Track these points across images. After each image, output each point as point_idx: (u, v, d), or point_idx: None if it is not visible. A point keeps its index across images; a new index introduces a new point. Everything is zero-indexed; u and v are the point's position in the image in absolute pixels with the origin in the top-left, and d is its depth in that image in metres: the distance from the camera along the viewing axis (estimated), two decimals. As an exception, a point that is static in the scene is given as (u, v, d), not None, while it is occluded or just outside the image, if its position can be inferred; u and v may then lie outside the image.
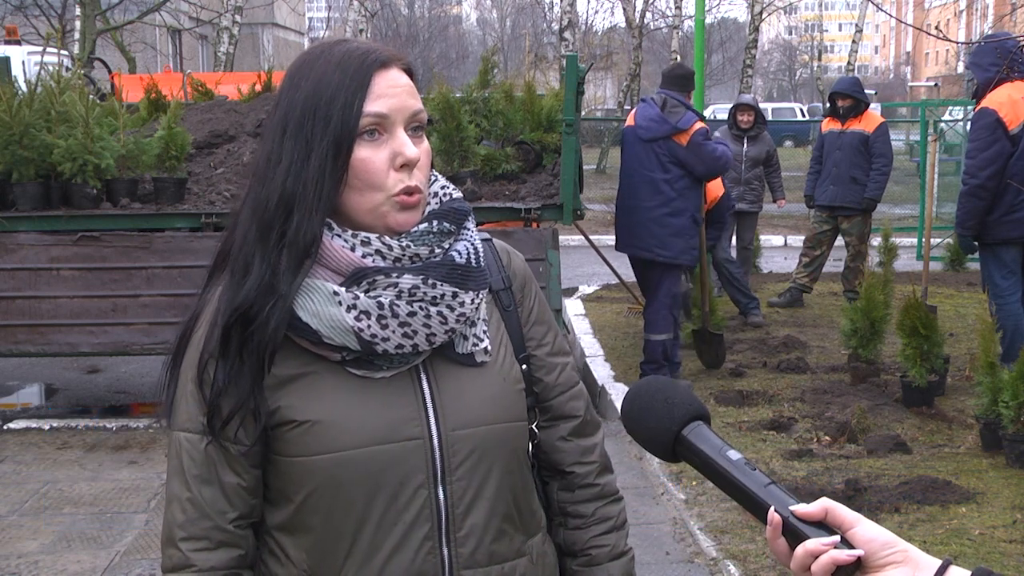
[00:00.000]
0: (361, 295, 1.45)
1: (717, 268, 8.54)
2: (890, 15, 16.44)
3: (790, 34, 55.76)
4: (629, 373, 7.28)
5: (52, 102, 6.63)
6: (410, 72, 1.51)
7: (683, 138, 6.58)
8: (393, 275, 1.46)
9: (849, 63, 27.73)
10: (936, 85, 35.35)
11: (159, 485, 5.52)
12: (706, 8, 14.02)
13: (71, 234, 6.54)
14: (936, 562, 1.08)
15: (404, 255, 1.47)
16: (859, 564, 1.10)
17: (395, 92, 1.47)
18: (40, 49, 11.48)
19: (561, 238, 7.30)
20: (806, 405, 6.43)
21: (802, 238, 10.57)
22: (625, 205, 6.76)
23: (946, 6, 47.18)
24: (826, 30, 48.01)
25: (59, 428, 6.63)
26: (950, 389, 6.54)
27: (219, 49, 20.82)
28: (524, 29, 45.92)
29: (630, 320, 9.10)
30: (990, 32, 19.69)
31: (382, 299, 1.45)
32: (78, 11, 15.87)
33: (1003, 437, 5.27)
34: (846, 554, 1.09)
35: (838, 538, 1.11)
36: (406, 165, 1.46)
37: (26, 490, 5.53)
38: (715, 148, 6.70)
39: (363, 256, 1.46)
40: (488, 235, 1.67)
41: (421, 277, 1.47)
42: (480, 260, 1.54)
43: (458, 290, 1.49)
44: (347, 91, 1.44)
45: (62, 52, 10.88)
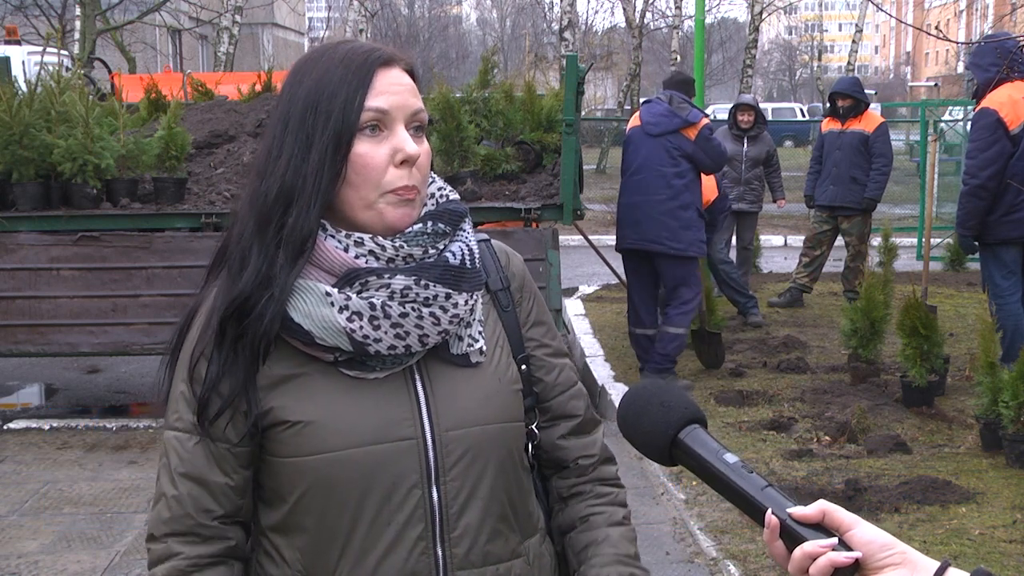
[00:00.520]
0: (353, 296, 1.45)
1: (712, 269, 8.54)
2: (890, 15, 16.43)
3: (790, 34, 55.75)
4: (629, 373, 7.27)
5: (52, 102, 6.63)
6: (412, 73, 1.52)
7: (692, 132, 6.75)
8: (385, 276, 1.46)
9: (849, 63, 27.74)
10: (936, 85, 35.36)
11: (157, 486, 5.51)
12: (706, 8, 14.03)
13: (71, 234, 6.54)
14: (934, 564, 1.08)
15: (397, 256, 1.47)
16: (857, 566, 1.10)
17: (397, 90, 1.47)
18: (40, 49, 11.48)
19: (561, 238, 7.30)
20: (806, 405, 6.43)
21: (802, 238, 10.57)
22: (631, 201, 6.77)
23: (946, 6, 47.18)
24: (826, 30, 48.02)
25: (59, 428, 6.63)
26: (950, 389, 6.54)
27: (219, 49, 20.82)
28: (524, 29, 45.94)
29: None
30: (990, 32, 19.69)
31: (374, 300, 1.45)
32: (78, 11, 15.88)
33: (1003, 437, 5.27)
34: (844, 556, 1.09)
35: (836, 540, 1.11)
36: (406, 162, 1.46)
37: (26, 490, 5.53)
38: (720, 143, 7.05)
39: (356, 257, 1.46)
40: (486, 236, 1.67)
41: (414, 278, 1.46)
42: (475, 261, 1.54)
43: (451, 291, 1.49)
44: (349, 86, 1.45)
45: (62, 52, 10.89)
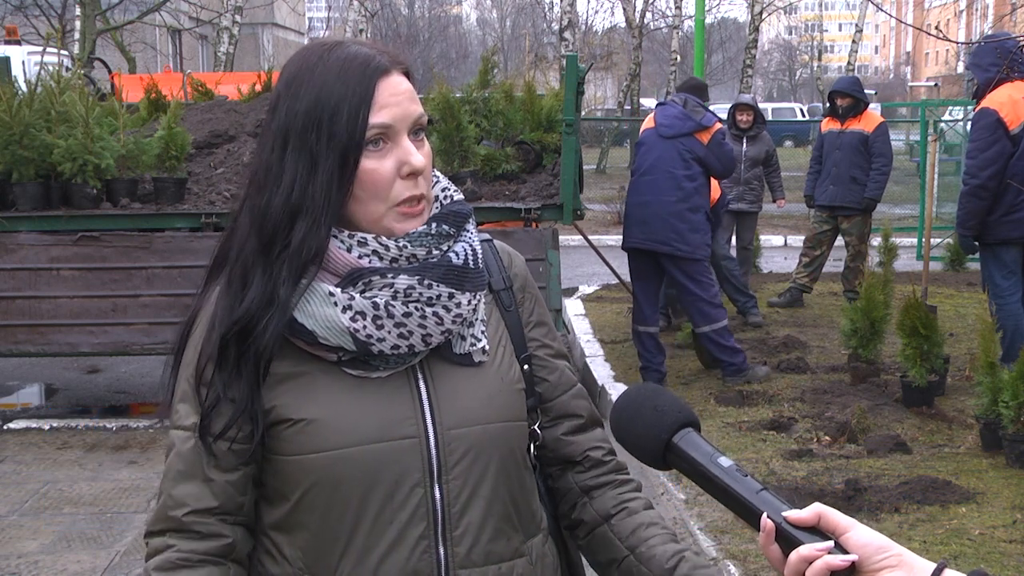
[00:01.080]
0: (357, 296, 1.45)
1: (715, 266, 8.54)
2: (890, 15, 16.46)
3: (790, 34, 55.74)
4: (629, 373, 7.28)
5: (52, 102, 6.64)
6: (409, 75, 1.51)
7: (705, 136, 6.78)
8: (389, 276, 1.46)
9: (849, 63, 27.74)
10: (936, 85, 35.34)
11: (159, 485, 5.51)
12: (706, 8, 14.04)
13: (71, 234, 6.55)
14: (931, 566, 1.08)
15: (401, 256, 1.47)
16: (853, 569, 1.09)
17: (397, 100, 1.46)
18: (40, 49, 11.48)
19: (561, 238, 7.30)
20: (806, 405, 6.43)
21: (802, 238, 10.57)
22: (640, 200, 6.77)
23: (946, 6, 47.18)
24: (826, 30, 48.02)
25: (59, 428, 6.64)
26: (950, 389, 6.53)
27: (219, 49, 20.82)
28: (524, 29, 45.92)
29: (630, 320, 9.08)
30: (990, 32, 19.69)
31: (377, 300, 1.45)
32: (78, 11, 15.87)
33: (1003, 437, 5.26)
34: (840, 559, 1.09)
35: (832, 543, 1.11)
36: (412, 174, 1.47)
37: (26, 490, 5.54)
38: (731, 149, 7.08)
39: (359, 257, 1.47)
40: (489, 236, 1.67)
41: (417, 278, 1.47)
42: (478, 261, 1.54)
43: (455, 291, 1.49)
44: (350, 103, 1.43)
45: (62, 52, 10.89)
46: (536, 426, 1.66)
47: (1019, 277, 6.29)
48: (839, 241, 9.42)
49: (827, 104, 9.82)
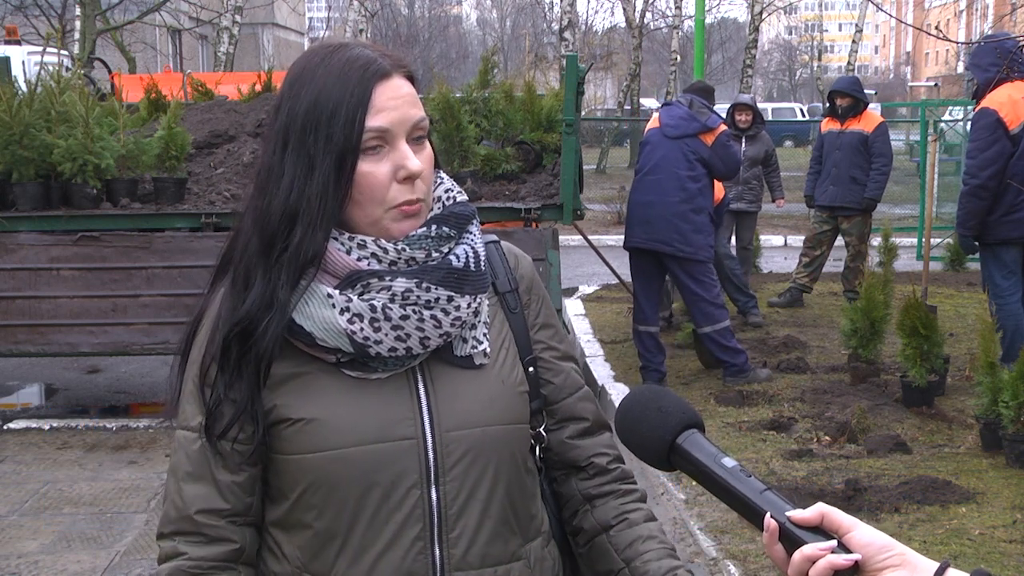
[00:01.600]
0: (354, 298, 1.45)
1: (717, 265, 8.54)
2: (890, 15, 16.46)
3: (790, 34, 55.75)
4: (629, 373, 7.28)
5: (52, 102, 6.64)
6: (411, 78, 1.51)
7: (709, 137, 6.78)
8: (387, 278, 1.46)
9: (849, 63, 27.77)
10: (936, 85, 35.33)
11: (159, 485, 5.52)
12: (706, 8, 14.03)
13: (71, 234, 6.55)
14: (934, 565, 1.08)
15: (400, 258, 1.47)
16: (857, 568, 1.10)
17: (396, 104, 1.46)
18: (40, 49, 11.48)
19: (561, 238, 7.30)
20: (806, 405, 6.43)
21: (802, 238, 10.57)
22: (644, 200, 6.77)
23: (946, 6, 47.19)
24: (826, 30, 48.03)
25: (59, 428, 6.64)
26: (950, 389, 6.53)
27: (219, 49, 20.83)
28: (524, 29, 45.95)
29: (630, 320, 9.09)
30: (990, 32, 19.69)
31: (375, 302, 1.45)
32: (78, 11, 15.88)
33: (1003, 437, 5.26)
34: (843, 558, 1.09)
35: (835, 543, 1.11)
36: (409, 178, 1.47)
37: (26, 490, 5.54)
38: (736, 152, 7.06)
39: (358, 259, 1.47)
40: (496, 237, 1.67)
41: (415, 281, 1.47)
42: (480, 264, 1.53)
43: (454, 294, 1.49)
44: (348, 106, 1.43)
45: (62, 52, 10.89)
46: (541, 429, 1.66)
47: (1019, 277, 6.29)
48: (839, 241, 9.42)
49: (827, 104, 9.82)
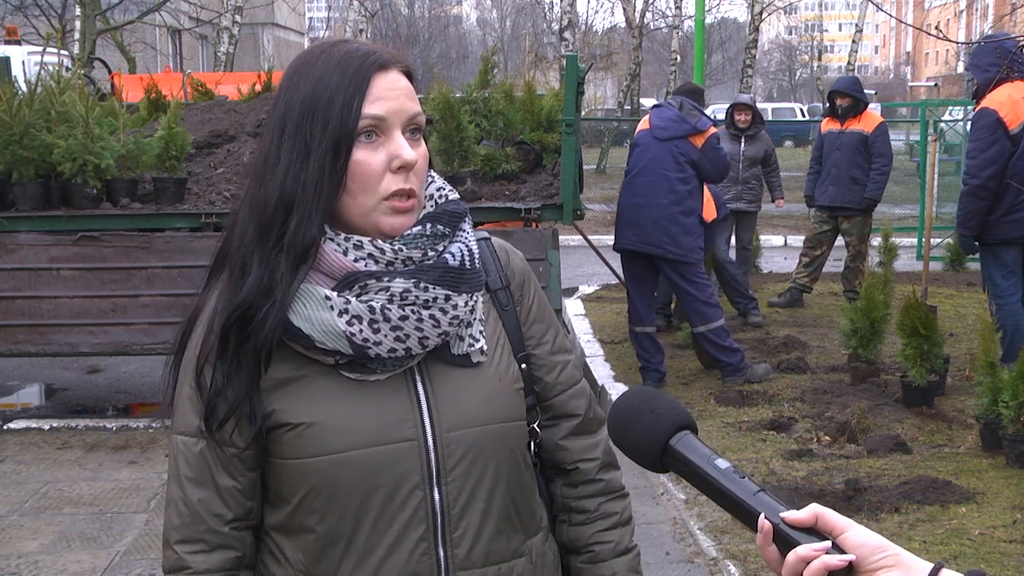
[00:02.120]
0: (353, 299, 1.45)
1: (717, 270, 8.54)
2: (890, 15, 16.46)
3: (790, 34, 55.75)
4: (629, 373, 7.28)
5: (52, 102, 6.63)
6: (410, 75, 1.51)
7: (699, 139, 6.78)
8: (385, 279, 1.46)
9: (849, 63, 27.77)
10: (936, 85, 35.33)
11: (159, 485, 5.52)
12: (706, 8, 14.04)
13: (71, 234, 6.55)
14: (928, 566, 1.08)
15: (397, 259, 1.47)
16: (851, 569, 1.10)
17: (393, 95, 1.46)
18: (40, 49, 11.49)
19: (561, 238, 7.30)
20: (806, 405, 6.43)
21: (802, 238, 10.57)
22: (634, 202, 6.77)
23: (946, 6, 47.18)
24: (826, 30, 48.05)
25: (59, 428, 6.63)
26: (950, 389, 6.53)
27: (219, 49, 20.83)
28: (524, 29, 45.94)
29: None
30: (990, 32, 19.69)
31: (373, 303, 1.45)
32: (78, 11, 15.88)
33: (1003, 437, 5.26)
34: (838, 559, 1.09)
35: (829, 543, 1.11)
36: (403, 168, 1.46)
37: (26, 490, 5.54)
38: (726, 154, 7.08)
39: (355, 260, 1.46)
40: (486, 234, 1.67)
41: (413, 281, 1.46)
42: (475, 262, 1.53)
43: (451, 293, 1.49)
44: (345, 92, 1.44)
45: (62, 52, 10.89)
46: (535, 425, 1.66)
47: (1019, 277, 6.29)
48: (839, 241, 9.42)
49: (827, 104, 9.81)
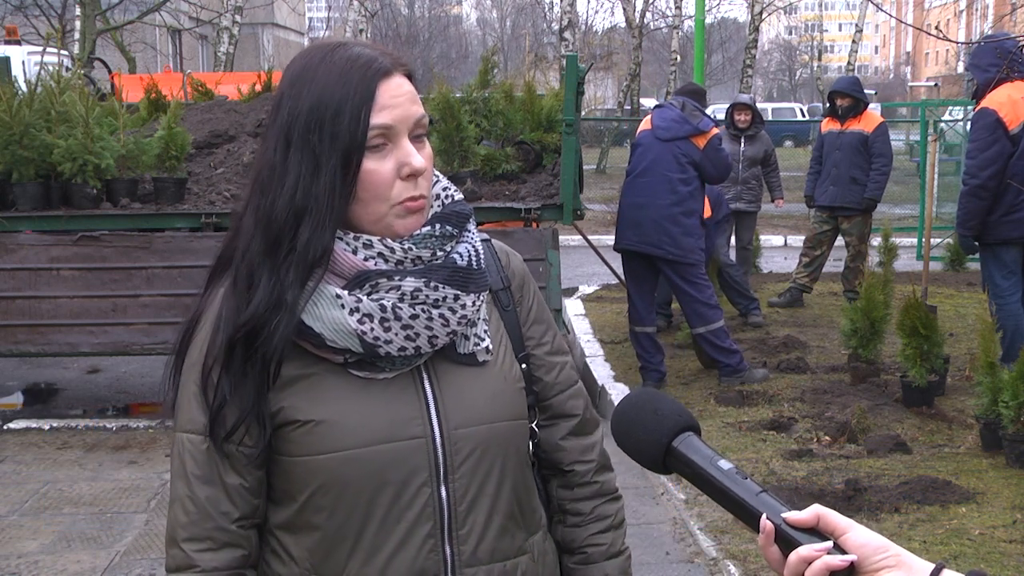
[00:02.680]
0: (364, 298, 1.46)
1: (717, 272, 8.53)
2: (890, 15, 16.46)
3: (790, 34, 55.78)
4: (629, 373, 7.28)
5: (52, 102, 6.64)
6: (410, 76, 1.52)
7: (701, 140, 6.78)
8: (395, 278, 1.47)
9: (849, 63, 27.78)
10: (936, 85, 35.32)
11: (159, 485, 5.52)
12: (706, 8, 14.04)
13: (71, 234, 6.55)
14: (929, 566, 1.08)
15: (406, 258, 1.48)
16: (852, 569, 1.10)
17: (399, 102, 1.47)
18: (40, 49, 11.48)
19: (561, 238, 7.30)
20: (806, 405, 6.43)
21: (802, 238, 10.57)
22: (634, 202, 6.77)
23: (946, 6, 47.17)
24: (826, 30, 48.04)
25: (59, 428, 6.63)
26: (950, 389, 6.53)
27: (219, 49, 20.83)
28: (524, 29, 45.96)
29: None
30: (990, 32, 19.69)
31: (384, 302, 1.46)
32: (78, 11, 15.88)
33: (1003, 437, 5.27)
34: (839, 559, 1.10)
35: (831, 544, 1.11)
36: (412, 175, 1.47)
37: (26, 490, 5.54)
38: (727, 155, 7.06)
39: (365, 259, 1.47)
40: (487, 235, 1.68)
41: (423, 280, 1.48)
42: (481, 262, 1.55)
43: (460, 292, 1.50)
44: (352, 104, 1.44)
45: (62, 52, 10.89)
46: (534, 424, 1.68)
47: (1019, 277, 6.29)
48: (839, 241, 9.42)
49: (827, 104, 9.82)
